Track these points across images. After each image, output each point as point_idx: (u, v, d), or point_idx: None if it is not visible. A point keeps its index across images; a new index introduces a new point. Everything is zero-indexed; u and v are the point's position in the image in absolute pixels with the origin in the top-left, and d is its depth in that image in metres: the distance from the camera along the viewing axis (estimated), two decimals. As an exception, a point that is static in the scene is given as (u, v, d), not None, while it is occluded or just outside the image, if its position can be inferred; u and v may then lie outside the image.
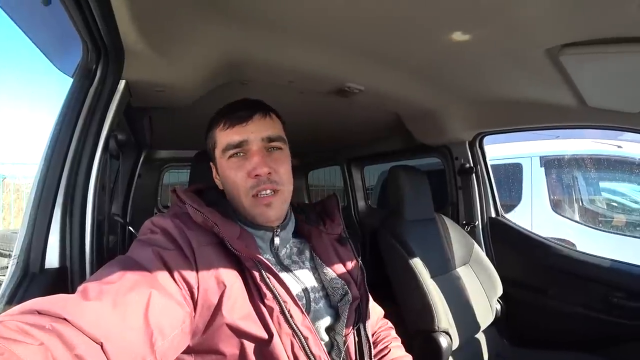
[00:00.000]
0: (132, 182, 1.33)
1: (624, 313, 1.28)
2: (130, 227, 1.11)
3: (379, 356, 0.76)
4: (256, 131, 0.66)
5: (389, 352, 0.76)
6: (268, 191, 0.65)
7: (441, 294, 1.24)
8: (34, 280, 0.58)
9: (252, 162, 0.64)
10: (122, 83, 0.75)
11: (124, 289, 0.47)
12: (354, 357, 0.65)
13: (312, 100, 1.22)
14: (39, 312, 0.41)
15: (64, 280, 0.62)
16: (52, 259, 0.61)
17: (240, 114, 0.66)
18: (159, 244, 0.56)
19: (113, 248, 1.02)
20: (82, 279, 0.62)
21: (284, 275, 0.63)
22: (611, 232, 2.50)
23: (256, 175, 0.64)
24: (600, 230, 2.50)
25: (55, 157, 0.64)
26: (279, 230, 0.69)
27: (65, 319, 0.40)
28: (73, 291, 0.48)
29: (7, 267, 0.60)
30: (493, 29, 0.78)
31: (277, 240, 0.68)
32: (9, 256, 0.59)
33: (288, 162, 0.70)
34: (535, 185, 2.66)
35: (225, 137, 0.67)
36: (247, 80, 1.04)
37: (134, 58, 0.73)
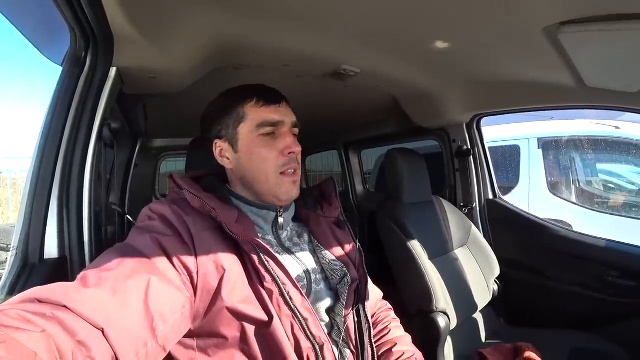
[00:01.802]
0: (128, 172, 1.33)
1: (619, 292, 1.30)
2: (128, 217, 1.11)
3: (379, 336, 0.77)
4: (288, 114, 0.70)
5: (388, 332, 0.78)
6: (292, 170, 0.68)
7: (439, 276, 1.25)
8: (34, 271, 0.58)
9: (287, 142, 0.68)
10: (113, 70, 0.74)
11: (123, 276, 0.47)
12: (353, 338, 0.67)
13: (307, 84, 1.21)
14: (40, 301, 0.41)
15: (63, 270, 0.62)
16: (51, 250, 0.62)
17: (273, 96, 0.69)
18: (157, 231, 0.56)
19: (112, 237, 1.02)
20: (82, 268, 0.62)
21: (285, 257, 0.64)
22: (607, 213, 2.52)
23: (290, 152, 0.67)
24: (596, 211, 2.52)
25: (49, 147, 0.64)
26: (282, 210, 0.70)
27: (65, 307, 0.41)
28: (73, 280, 0.48)
29: (7, 260, 0.60)
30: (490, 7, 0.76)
31: (281, 220, 0.70)
32: (9, 250, 0.59)
33: None
34: (532, 167, 2.66)
35: (261, 113, 0.68)
36: (241, 65, 1.03)
37: (124, 45, 0.71)
